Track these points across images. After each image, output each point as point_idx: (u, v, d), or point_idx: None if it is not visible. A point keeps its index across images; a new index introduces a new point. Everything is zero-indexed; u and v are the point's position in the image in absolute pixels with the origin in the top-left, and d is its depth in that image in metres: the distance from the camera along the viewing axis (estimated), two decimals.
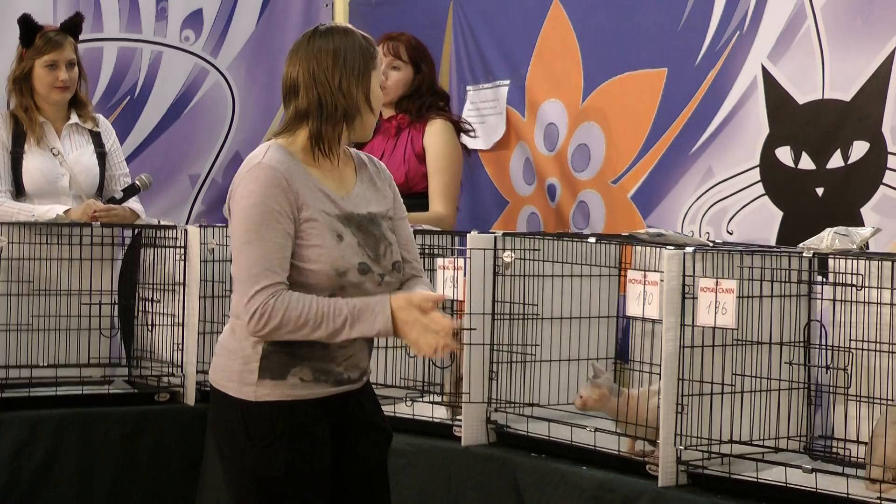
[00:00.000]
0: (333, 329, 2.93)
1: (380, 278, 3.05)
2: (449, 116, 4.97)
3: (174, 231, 4.62)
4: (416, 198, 4.84)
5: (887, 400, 3.37)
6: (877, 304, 3.42)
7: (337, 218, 3.03)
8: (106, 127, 5.07)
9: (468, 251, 3.89)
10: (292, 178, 2.98)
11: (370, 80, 3.06)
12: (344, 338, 2.95)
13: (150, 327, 4.66)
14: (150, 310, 4.65)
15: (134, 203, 4.93)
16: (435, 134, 4.88)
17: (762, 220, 4.39)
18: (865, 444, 3.36)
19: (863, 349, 3.44)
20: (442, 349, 2.97)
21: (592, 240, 3.89)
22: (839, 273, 3.47)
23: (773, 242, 4.32)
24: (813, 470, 3.22)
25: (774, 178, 4.37)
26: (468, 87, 5.51)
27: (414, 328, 2.95)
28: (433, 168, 4.86)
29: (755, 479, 3.31)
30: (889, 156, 4.06)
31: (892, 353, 3.39)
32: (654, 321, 3.56)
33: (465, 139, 5.10)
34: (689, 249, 3.43)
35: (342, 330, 2.93)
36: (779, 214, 4.37)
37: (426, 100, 4.93)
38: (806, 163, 4.29)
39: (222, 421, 3.05)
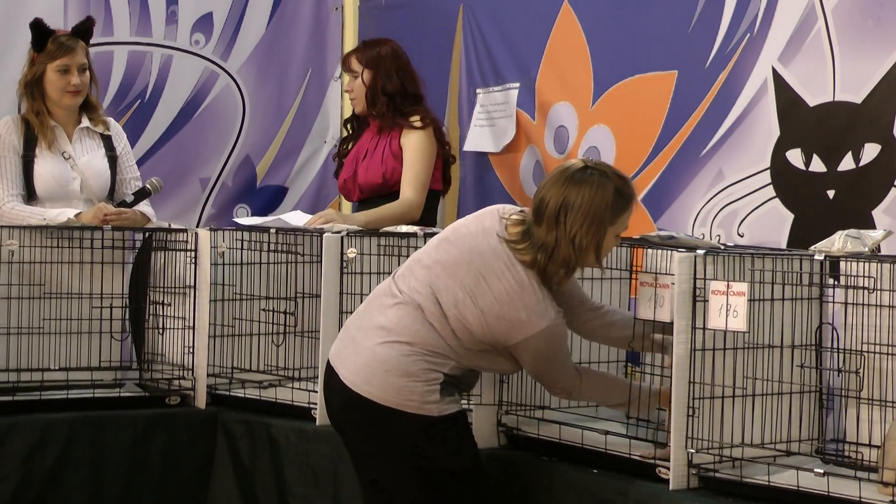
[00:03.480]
0: (601, 400, 3.72)
1: None
2: (426, 125, 5.01)
3: (185, 234, 4.63)
4: (397, 195, 4.99)
5: None
6: (889, 306, 3.42)
7: None
8: (117, 130, 5.07)
9: None
10: None
11: (604, 237, 3.44)
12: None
13: (160, 330, 4.66)
14: (161, 313, 4.65)
15: (144, 206, 4.93)
16: (411, 134, 4.98)
17: (773, 222, 4.39)
18: (878, 447, 3.35)
19: (875, 352, 3.43)
20: None
21: None
22: (851, 276, 3.47)
23: (784, 245, 4.31)
24: (825, 473, 3.21)
25: (785, 181, 4.36)
26: (478, 90, 5.50)
27: None
28: (406, 160, 4.99)
29: (767, 483, 3.31)
30: None
31: None
32: (665, 324, 3.55)
33: (475, 141, 5.15)
34: (700, 252, 3.43)
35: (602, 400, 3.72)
36: (790, 217, 4.36)
37: (382, 103, 5.00)
38: (817, 165, 4.28)
39: (400, 435, 3.47)
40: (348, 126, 5.29)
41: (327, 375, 3.64)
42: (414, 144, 4.99)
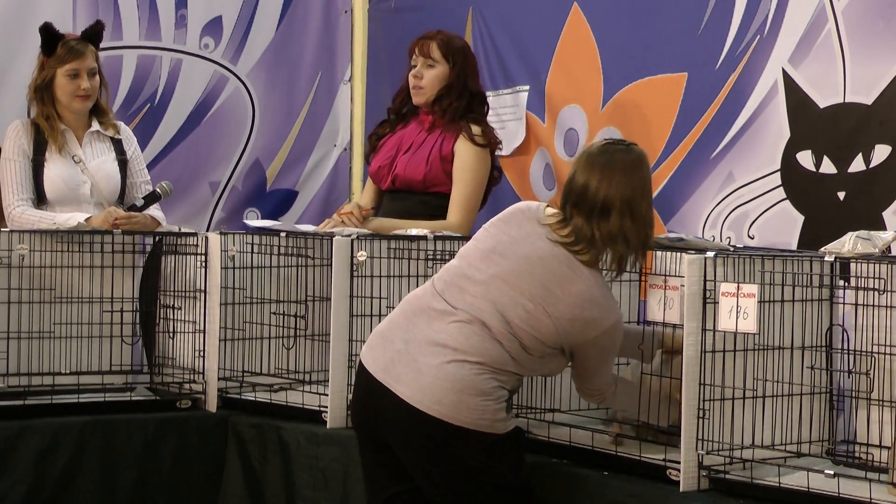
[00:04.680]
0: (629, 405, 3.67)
1: None
2: (487, 143, 4.84)
3: (195, 238, 4.63)
4: (431, 196, 4.88)
5: None
6: None
7: None
8: (127, 134, 5.08)
9: None
10: None
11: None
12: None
13: (171, 334, 4.66)
14: (172, 317, 4.66)
15: (155, 210, 4.94)
16: (465, 145, 4.84)
17: (783, 224, 4.38)
18: (888, 448, 3.35)
19: (885, 353, 3.43)
20: None
21: None
22: (861, 277, 3.46)
23: (794, 247, 4.31)
24: (835, 475, 3.21)
25: (795, 183, 4.36)
26: (488, 93, 5.49)
27: None
28: (457, 176, 4.83)
29: (777, 484, 3.30)
30: None
31: None
32: (674, 326, 3.55)
33: None
34: (710, 254, 3.42)
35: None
36: (800, 219, 4.36)
37: (460, 102, 4.85)
38: (827, 167, 4.28)
39: (468, 453, 3.44)
40: (390, 114, 5.03)
41: (373, 390, 3.49)
42: (469, 162, 4.80)
